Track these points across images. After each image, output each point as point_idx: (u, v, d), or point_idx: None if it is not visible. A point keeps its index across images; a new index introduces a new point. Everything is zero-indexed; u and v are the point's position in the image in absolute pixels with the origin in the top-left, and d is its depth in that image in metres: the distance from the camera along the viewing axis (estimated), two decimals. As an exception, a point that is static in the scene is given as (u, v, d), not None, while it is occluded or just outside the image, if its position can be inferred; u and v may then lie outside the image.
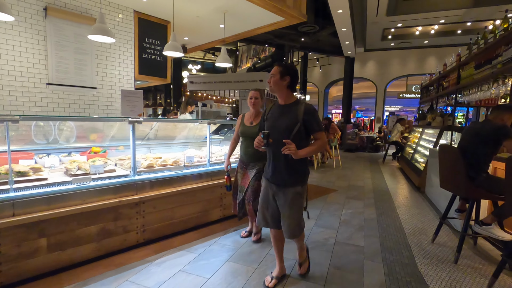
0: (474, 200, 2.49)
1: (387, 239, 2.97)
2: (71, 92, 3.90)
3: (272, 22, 4.88)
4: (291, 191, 1.86)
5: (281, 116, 1.86)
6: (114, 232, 2.41)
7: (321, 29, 10.11)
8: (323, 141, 1.85)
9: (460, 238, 2.47)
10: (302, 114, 1.79)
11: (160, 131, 3.72)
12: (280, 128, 1.84)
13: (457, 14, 9.28)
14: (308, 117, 1.79)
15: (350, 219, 3.54)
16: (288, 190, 1.86)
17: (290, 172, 1.86)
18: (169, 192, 2.77)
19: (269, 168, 1.95)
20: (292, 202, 1.86)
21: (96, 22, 3.10)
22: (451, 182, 2.63)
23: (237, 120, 2.79)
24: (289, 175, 1.86)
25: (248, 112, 2.72)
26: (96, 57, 4.10)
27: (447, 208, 2.77)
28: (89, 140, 3.08)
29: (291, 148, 1.68)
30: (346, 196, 4.62)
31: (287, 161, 1.82)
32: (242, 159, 2.71)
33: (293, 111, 1.82)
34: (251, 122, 2.62)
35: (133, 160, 2.60)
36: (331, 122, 8.00)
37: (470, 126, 2.57)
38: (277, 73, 1.83)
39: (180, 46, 3.89)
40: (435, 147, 4.93)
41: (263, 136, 1.77)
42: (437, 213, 3.84)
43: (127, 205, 2.48)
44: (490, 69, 3.50)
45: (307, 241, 2.84)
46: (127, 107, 2.62)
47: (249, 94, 2.60)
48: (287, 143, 1.70)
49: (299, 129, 1.79)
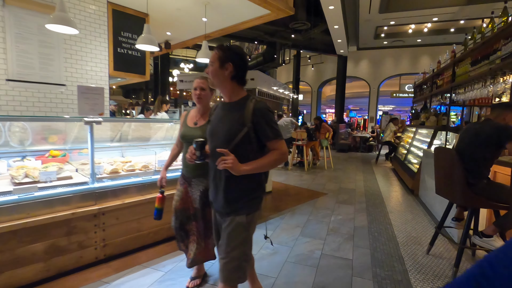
0: (473, 208, 2.25)
1: (379, 250, 2.71)
2: (35, 90, 3.55)
3: (258, 16, 4.59)
4: (232, 221, 1.36)
5: (224, 118, 1.39)
6: (66, 249, 2.10)
7: (313, 27, 9.87)
8: (280, 152, 1.32)
9: (458, 251, 2.22)
10: (250, 115, 1.30)
11: (135, 132, 3.41)
12: (220, 134, 1.37)
13: (450, 12, 9.12)
14: (258, 119, 1.30)
15: (339, 226, 3.27)
16: (229, 219, 1.37)
17: (230, 195, 1.36)
18: (135, 201, 2.46)
19: (210, 189, 1.48)
20: (231, 235, 1.35)
21: (56, 10, 2.77)
22: (447, 189, 2.38)
23: (180, 118, 2.07)
24: (229, 199, 1.37)
25: (194, 109, 2.05)
26: (64, 51, 3.75)
27: (443, 217, 2.52)
28: (48, 143, 2.75)
29: (227, 161, 1.23)
30: (336, 200, 4.36)
31: (227, 179, 1.34)
32: (182, 172, 1.99)
33: (239, 111, 1.34)
34: (195, 122, 1.92)
35: (91, 166, 2.29)
36: (322, 122, 7.76)
37: (469, 127, 2.32)
38: (215, 60, 1.33)
39: (155, 40, 3.58)
40: (429, 147, 4.71)
41: (196, 146, 1.36)
42: (431, 218, 3.61)
43: (83, 218, 2.17)
44: (487, 65, 3.27)
45: (290, 254, 2.56)
46: (85, 106, 2.30)
47: (193, 84, 1.88)
48: (224, 153, 1.25)
49: (246, 135, 1.30)
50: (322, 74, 16.15)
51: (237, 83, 1.37)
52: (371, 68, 14.14)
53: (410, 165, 5.56)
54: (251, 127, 1.31)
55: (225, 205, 1.37)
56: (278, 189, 4.92)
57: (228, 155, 1.24)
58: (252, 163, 1.29)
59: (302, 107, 19.13)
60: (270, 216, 3.55)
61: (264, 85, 11.75)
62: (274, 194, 4.58)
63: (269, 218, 3.49)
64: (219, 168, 1.25)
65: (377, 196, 4.68)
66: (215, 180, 1.41)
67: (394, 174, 6.65)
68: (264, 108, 1.33)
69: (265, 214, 3.60)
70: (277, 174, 6.18)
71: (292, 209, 3.83)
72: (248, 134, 1.31)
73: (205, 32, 5.03)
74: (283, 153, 1.33)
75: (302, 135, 6.78)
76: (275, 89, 12.88)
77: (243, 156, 1.28)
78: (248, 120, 1.31)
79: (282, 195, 4.57)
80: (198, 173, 1.88)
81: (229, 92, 1.38)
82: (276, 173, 6.32)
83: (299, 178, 5.89)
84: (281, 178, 5.81)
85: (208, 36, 5.45)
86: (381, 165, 8.00)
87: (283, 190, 4.85)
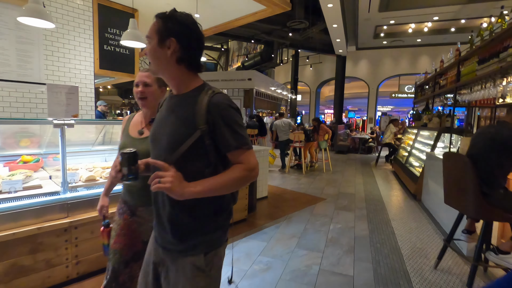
0: (487, 221, 2.02)
1: (382, 264, 2.48)
2: (12, 89, 3.30)
3: (254, 12, 4.36)
4: (184, 265, 0.94)
5: (168, 117, 0.98)
6: (32, 269, 1.85)
7: (312, 25, 9.66)
8: (246, 168, 0.91)
9: (471, 269, 2.00)
10: (203, 112, 0.90)
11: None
12: (162, 140, 0.96)
13: (451, 11, 8.93)
14: (215, 119, 0.90)
15: (339, 236, 3.05)
16: (181, 261, 0.95)
17: (180, 227, 0.94)
18: (113, 212, 2.22)
19: (154, 219, 1.04)
20: (185, 285, 0.93)
21: (29, 1, 2.53)
22: (458, 199, 2.16)
23: (122, 124, 1.50)
24: (178, 233, 0.94)
25: (139, 112, 1.50)
26: (45, 48, 3.50)
27: (452, 229, 2.30)
28: (20, 147, 2.51)
29: (165, 179, 0.83)
30: (335, 206, 4.13)
31: (174, 204, 0.92)
32: (123, 198, 1.42)
33: (189, 107, 0.93)
34: (141, 131, 1.38)
35: (63, 173, 2.05)
36: (321, 123, 7.54)
37: (483, 130, 2.10)
38: (153, 33, 0.93)
39: (141, 36, 3.34)
40: (432, 150, 4.50)
41: (122, 160, 0.94)
42: (436, 227, 3.39)
43: (51, 232, 1.93)
44: (497, 63, 3.05)
45: (285, 270, 2.33)
46: (56, 106, 2.06)
47: (136, 79, 1.37)
48: (161, 167, 0.87)
49: (198, 142, 0.90)
50: (321, 74, 15.94)
51: (187, 68, 0.95)
52: (370, 68, 13.95)
53: (412, 169, 5.34)
54: (206, 131, 0.90)
55: (174, 241, 0.95)
56: (274, 193, 4.69)
57: (166, 171, 0.85)
58: (204, 183, 0.87)
59: (300, 108, 18.92)
60: (265, 224, 3.32)
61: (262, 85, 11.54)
62: (270, 200, 4.35)
63: (264, 227, 3.26)
64: (152, 189, 0.84)
65: (378, 201, 4.46)
66: (157, 205, 0.99)
67: (394, 177, 6.43)
68: (223, 103, 0.91)
69: (259, 223, 3.37)
70: (274, 178, 5.95)
71: (288, 217, 3.60)
72: (201, 140, 0.90)
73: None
74: (250, 169, 0.91)
75: (300, 137, 6.56)
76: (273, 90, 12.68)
77: (194, 172, 0.90)
78: (201, 121, 0.89)
79: (278, 200, 4.34)
80: (145, 199, 1.26)
81: (175, 81, 0.97)
82: (273, 176, 6.09)
83: (297, 182, 5.66)
84: (278, 182, 5.58)
85: (201, 33, 5.22)
86: (381, 167, 7.79)
87: (279, 195, 4.62)
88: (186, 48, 0.92)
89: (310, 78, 16.43)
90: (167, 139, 0.94)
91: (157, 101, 1.36)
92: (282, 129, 6.77)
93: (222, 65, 20.26)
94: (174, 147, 0.91)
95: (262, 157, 4.21)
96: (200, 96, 0.93)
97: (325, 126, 7.53)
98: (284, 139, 6.79)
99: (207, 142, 0.91)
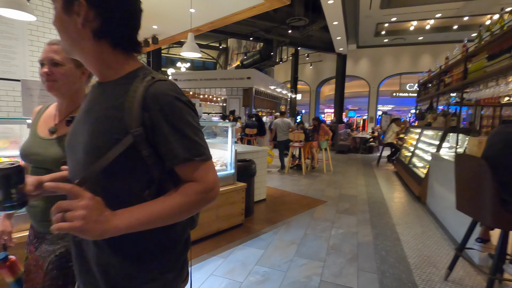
0: (506, 230, 1.84)
1: (387, 274, 2.30)
2: (-5, 86, 3.12)
3: (251, 6, 4.18)
4: None
5: (87, 116, 0.69)
6: None
7: (312, 23, 9.48)
8: (202, 189, 0.64)
9: (488, 283, 1.82)
10: (138, 108, 0.61)
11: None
12: (77, 150, 0.67)
13: (455, 8, 8.74)
14: (156, 118, 0.62)
15: (341, 243, 2.86)
16: None
17: (112, 274, 0.66)
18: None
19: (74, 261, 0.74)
20: None
21: (6, -9, 2.34)
22: (472, 206, 1.97)
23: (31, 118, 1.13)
24: (111, 278, 0.66)
25: (53, 104, 1.12)
26: (30, 44, 3.32)
27: (465, 237, 2.12)
28: (-3, 148, 2.33)
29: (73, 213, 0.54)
30: (336, 209, 3.95)
31: (100, 243, 0.65)
32: (32, 225, 1.07)
33: (117, 100, 0.64)
34: (52, 129, 1.02)
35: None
36: (321, 123, 7.36)
37: (501, 130, 1.92)
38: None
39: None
40: (437, 151, 4.31)
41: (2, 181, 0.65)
42: (444, 232, 3.21)
43: (25, 243, 1.74)
44: (509, 58, 2.87)
45: (283, 282, 2.15)
46: (31, 104, 1.89)
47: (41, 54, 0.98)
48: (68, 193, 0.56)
49: (130, 151, 0.61)
50: (321, 73, 15.76)
51: (111, 45, 0.65)
52: (371, 67, 13.76)
53: (415, 170, 5.16)
54: (142, 135, 0.61)
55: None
56: (273, 196, 4.51)
57: (76, 198, 0.55)
58: (136, 212, 0.60)
59: (300, 107, 18.73)
60: (262, 230, 3.14)
61: (261, 84, 11.36)
62: (268, 203, 4.17)
63: (261, 232, 3.07)
64: (52, 231, 0.53)
65: (381, 204, 4.28)
66: (77, 244, 0.70)
67: (397, 178, 6.25)
68: (166, 94, 0.62)
69: (257, 228, 3.19)
70: (273, 179, 5.77)
71: (287, 221, 3.42)
72: (135, 149, 0.61)
73: (191, 25, 4.61)
74: (206, 190, 0.64)
75: (299, 137, 6.37)
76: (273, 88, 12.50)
77: (127, 195, 0.64)
78: (134, 121, 0.61)
79: (277, 203, 4.16)
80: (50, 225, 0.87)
81: (95, 64, 0.67)
82: (272, 177, 5.91)
83: (296, 183, 5.48)
84: (277, 183, 5.39)
85: (197, 30, 5.04)
86: (382, 167, 7.61)
87: (278, 198, 4.44)
88: (105, 15, 0.62)
89: (310, 77, 16.25)
90: (83, 149, 0.64)
91: (74, 86, 1.02)
92: (282, 128, 6.59)
93: (222, 64, 20.08)
94: (92, 161, 0.61)
95: (261, 157, 4.03)
96: (133, 85, 0.63)
97: (325, 126, 7.35)
98: (283, 139, 6.61)
99: (144, 152, 0.62)
